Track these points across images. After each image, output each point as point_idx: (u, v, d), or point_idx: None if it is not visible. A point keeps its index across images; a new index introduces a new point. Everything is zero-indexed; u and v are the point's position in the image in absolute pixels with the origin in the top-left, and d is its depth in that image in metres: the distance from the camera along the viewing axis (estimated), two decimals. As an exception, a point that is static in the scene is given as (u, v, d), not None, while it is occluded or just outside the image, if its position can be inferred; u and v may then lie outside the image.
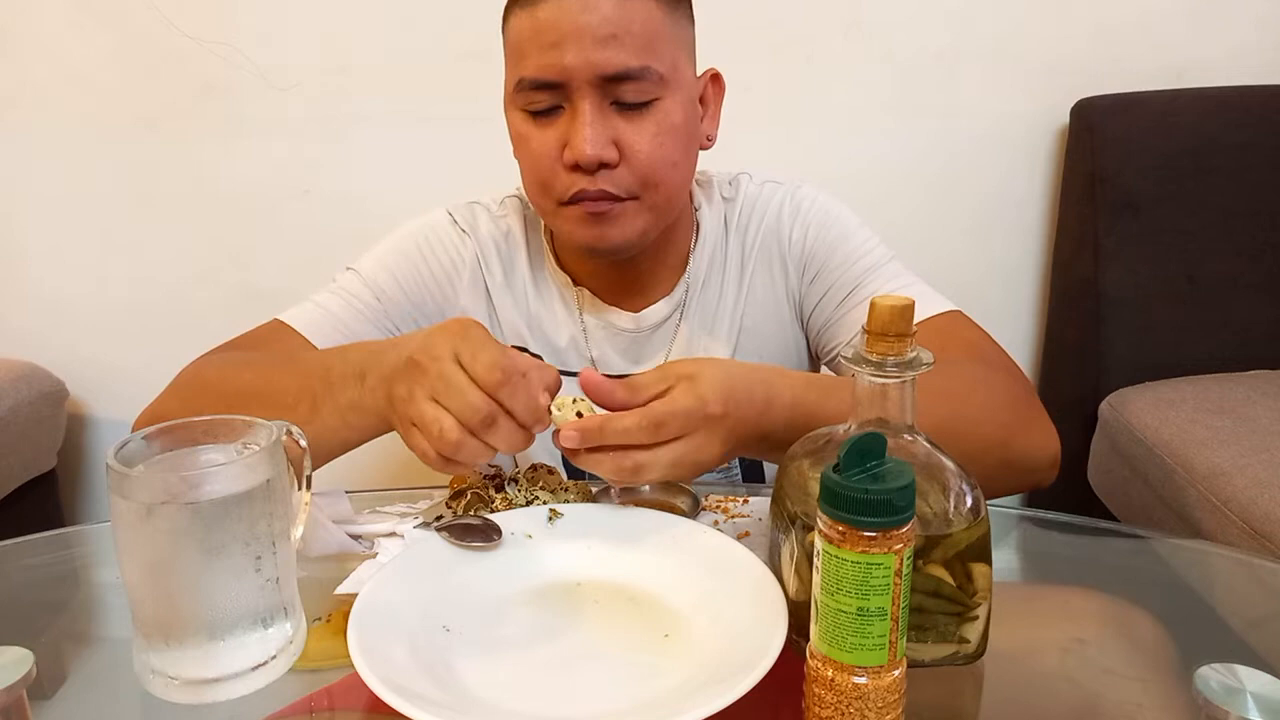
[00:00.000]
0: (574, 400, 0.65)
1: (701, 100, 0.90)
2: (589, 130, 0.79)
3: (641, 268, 0.93)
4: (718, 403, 0.64)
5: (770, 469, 0.96)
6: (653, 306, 0.95)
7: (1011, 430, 0.75)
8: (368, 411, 0.70)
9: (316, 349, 0.87)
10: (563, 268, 0.96)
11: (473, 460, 0.64)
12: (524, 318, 0.97)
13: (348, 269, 0.95)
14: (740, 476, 0.97)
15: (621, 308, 0.95)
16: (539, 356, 0.96)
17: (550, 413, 0.64)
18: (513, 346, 0.96)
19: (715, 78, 0.92)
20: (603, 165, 0.81)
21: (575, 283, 0.96)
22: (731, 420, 0.65)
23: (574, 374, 0.95)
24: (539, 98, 0.81)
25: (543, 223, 0.96)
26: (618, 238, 0.85)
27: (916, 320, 0.53)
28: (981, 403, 0.75)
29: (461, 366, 0.63)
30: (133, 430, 0.84)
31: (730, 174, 1.00)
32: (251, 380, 0.79)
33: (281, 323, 0.91)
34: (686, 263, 0.96)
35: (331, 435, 0.72)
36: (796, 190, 0.97)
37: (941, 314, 0.87)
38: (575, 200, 0.82)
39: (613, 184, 0.82)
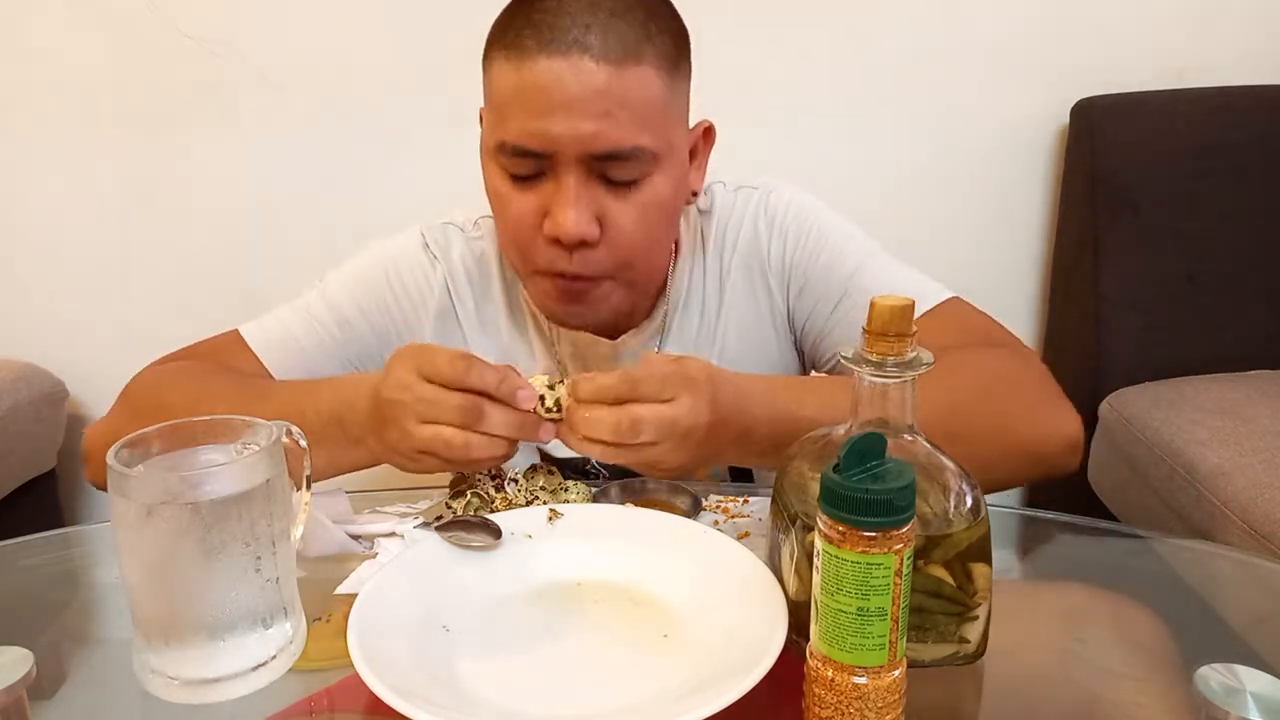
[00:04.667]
0: (550, 385, 0.66)
1: (691, 152, 0.85)
2: (572, 210, 0.75)
3: None
4: (698, 368, 0.65)
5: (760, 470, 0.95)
6: (631, 333, 0.92)
7: (1015, 414, 0.74)
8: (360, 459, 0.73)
9: (270, 375, 0.87)
10: None
11: (489, 454, 0.65)
12: (497, 347, 0.93)
13: (318, 283, 0.93)
14: (729, 476, 0.96)
15: (599, 335, 0.91)
16: None
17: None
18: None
19: (708, 131, 0.87)
20: (583, 243, 0.77)
21: None
22: (713, 389, 0.65)
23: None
24: (521, 164, 0.77)
25: None
26: (590, 315, 0.84)
27: (916, 314, 0.53)
28: (979, 387, 0.74)
29: (429, 380, 0.64)
30: (88, 450, 0.83)
31: (705, 183, 0.94)
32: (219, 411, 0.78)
33: (240, 338, 0.88)
34: (665, 286, 0.92)
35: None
36: (769, 197, 0.93)
37: (941, 303, 0.85)
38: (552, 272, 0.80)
39: (589, 266, 0.79)
